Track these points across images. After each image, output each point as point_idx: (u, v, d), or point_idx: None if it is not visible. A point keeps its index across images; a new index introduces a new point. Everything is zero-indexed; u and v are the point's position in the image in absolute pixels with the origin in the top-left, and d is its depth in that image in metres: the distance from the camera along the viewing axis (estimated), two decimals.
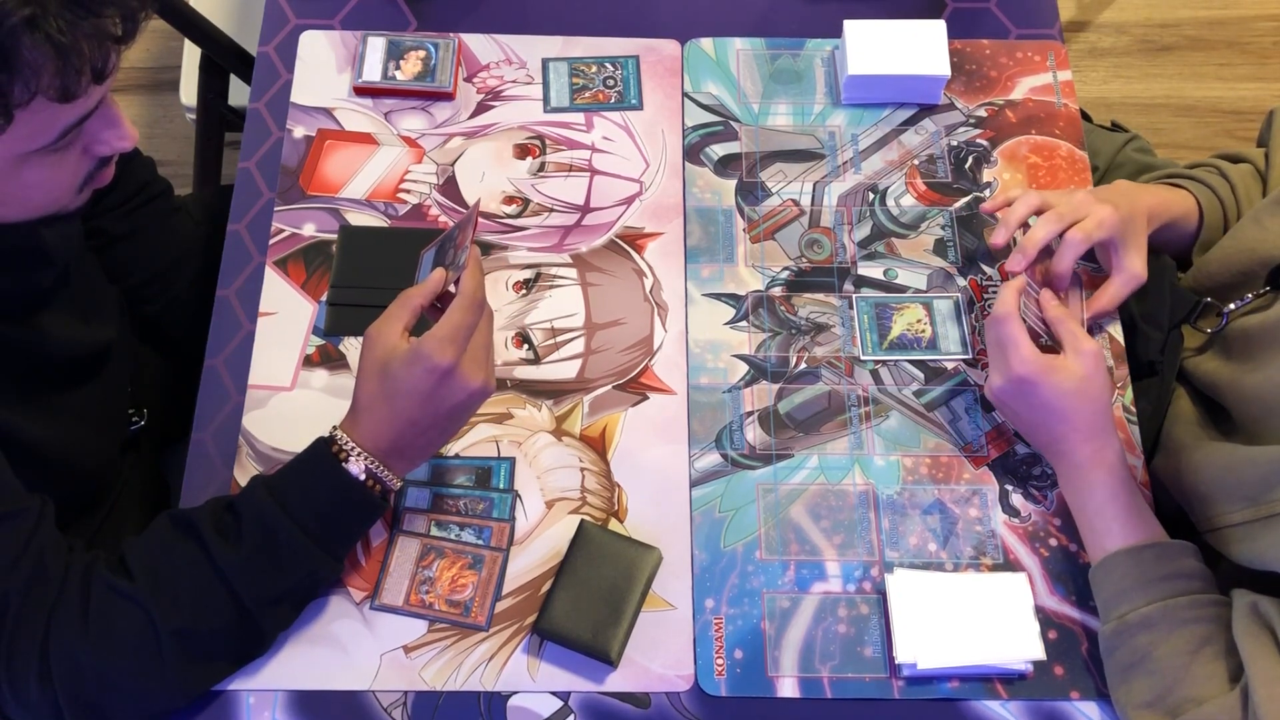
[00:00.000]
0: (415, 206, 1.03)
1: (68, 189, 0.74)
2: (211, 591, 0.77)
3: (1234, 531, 0.83)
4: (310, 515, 0.79)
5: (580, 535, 0.88)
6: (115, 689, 0.76)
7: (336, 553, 0.82)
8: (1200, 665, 0.78)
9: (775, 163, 1.07)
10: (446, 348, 0.77)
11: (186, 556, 0.78)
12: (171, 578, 0.77)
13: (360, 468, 0.79)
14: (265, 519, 0.78)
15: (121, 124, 0.73)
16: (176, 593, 0.77)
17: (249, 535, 0.78)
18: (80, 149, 0.72)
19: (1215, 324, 0.94)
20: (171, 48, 2.01)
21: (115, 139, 0.73)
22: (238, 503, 0.80)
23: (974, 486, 0.93)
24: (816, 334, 0.99)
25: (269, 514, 0.78)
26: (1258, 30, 2.09)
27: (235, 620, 0.79)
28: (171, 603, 0.76)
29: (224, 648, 0.81)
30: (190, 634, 0.77)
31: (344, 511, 0.81)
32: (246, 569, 0.78)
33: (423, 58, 1.08)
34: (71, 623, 0.75)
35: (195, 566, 0.78)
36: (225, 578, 0.77)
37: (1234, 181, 0.98)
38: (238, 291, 0.99)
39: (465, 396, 0.79)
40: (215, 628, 0.78)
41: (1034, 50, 1.13)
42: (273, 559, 0.78)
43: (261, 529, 0.78)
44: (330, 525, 0.80)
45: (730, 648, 0.86)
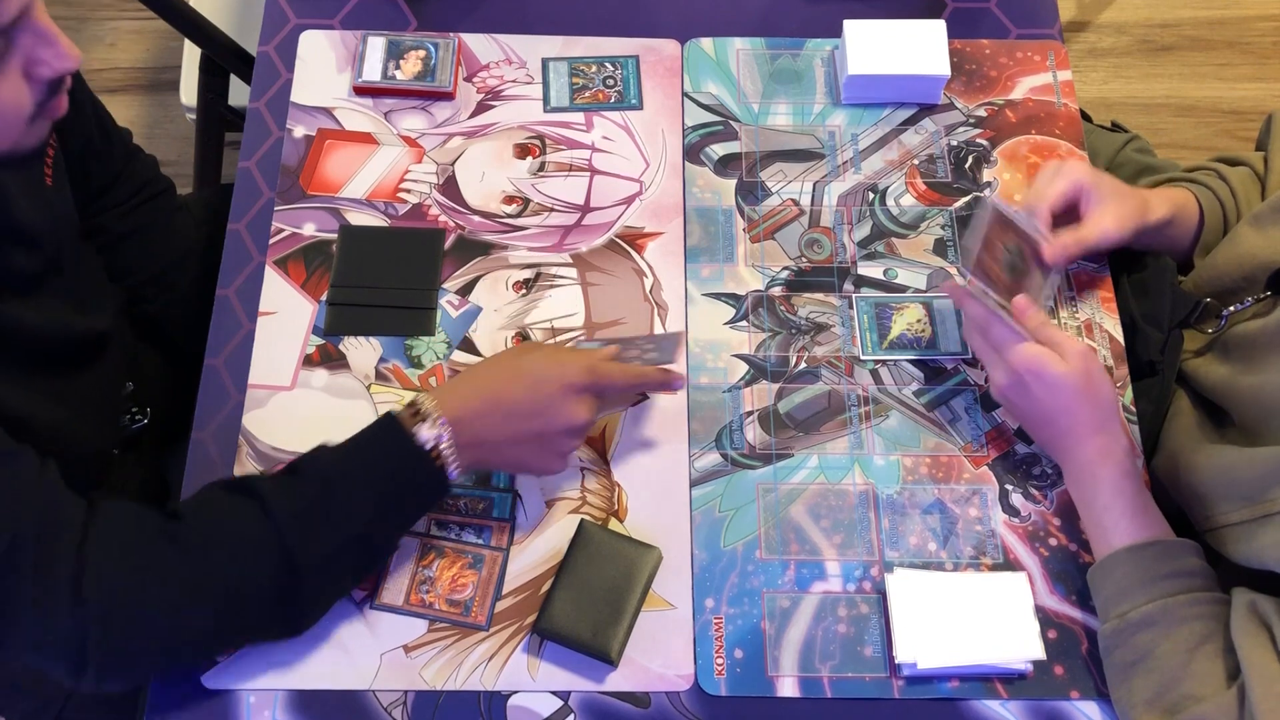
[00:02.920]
0: (415, 206, 1.03)
1: (15, 120, 0.72)
2: (261, 541, 0.76)
3: (1232, 531, 0.83)
4: (371, 475, 0.79)
5: (580, 535, 0.88)
6: (148, 627, 0.74)
7: (392, 520, 0.81)
8: (1199, 663, 0.78)
9: (775, 162, 1.07)
10: (591, 375, 0.82)
11: (240, 507, 0.77)
12: (221, 523, 0.76)
13: (432, 434, 0.79)
14: (325, 472, 0.78)
15: (57, 41, 0.70)
16: (225, 538, 0.76)
17: (307, 487, 0.77)
18: (18, 72, 0.70)
19: (1215, 325, 0.94)
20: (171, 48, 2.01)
21: (54, 58, 0.70)
22: (300, 460, 0.80)
23: (974, 486, 0.93)
24: (816, 334, 0.99)
25: (331, 468, 0.78)
26: (1258, 30, 2.09)
27: (279, 573, 0.76)
28: (219, 547, 0.75)
29: (263, 603, 0.78)
30: (234, 582, 0.75)
31: (405, 478, 0.80)
32: (300, 519, 0.76)
33: (423, 57, 1.09)
34: (113, 551, 0.73)
35: (247, 515, 0.76)
36: (277, 526, 0.76)
37: (1233, 185, 0.98)
38: (238, 291, 0.99)
39: (560, 426, 0.82)
40: (259, 579, 0.76)
41: (1034, 50, 1.13)
42: (327, 512, 0.77)
43: (320, 482, 0.78)
44: (389, 492, 0.79)
45: (730, 647, 0.87)
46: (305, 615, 0.81)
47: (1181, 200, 0.97)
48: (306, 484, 0.78)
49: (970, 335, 0.92)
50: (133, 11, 2.03)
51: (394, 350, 0.97)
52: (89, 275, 0.95)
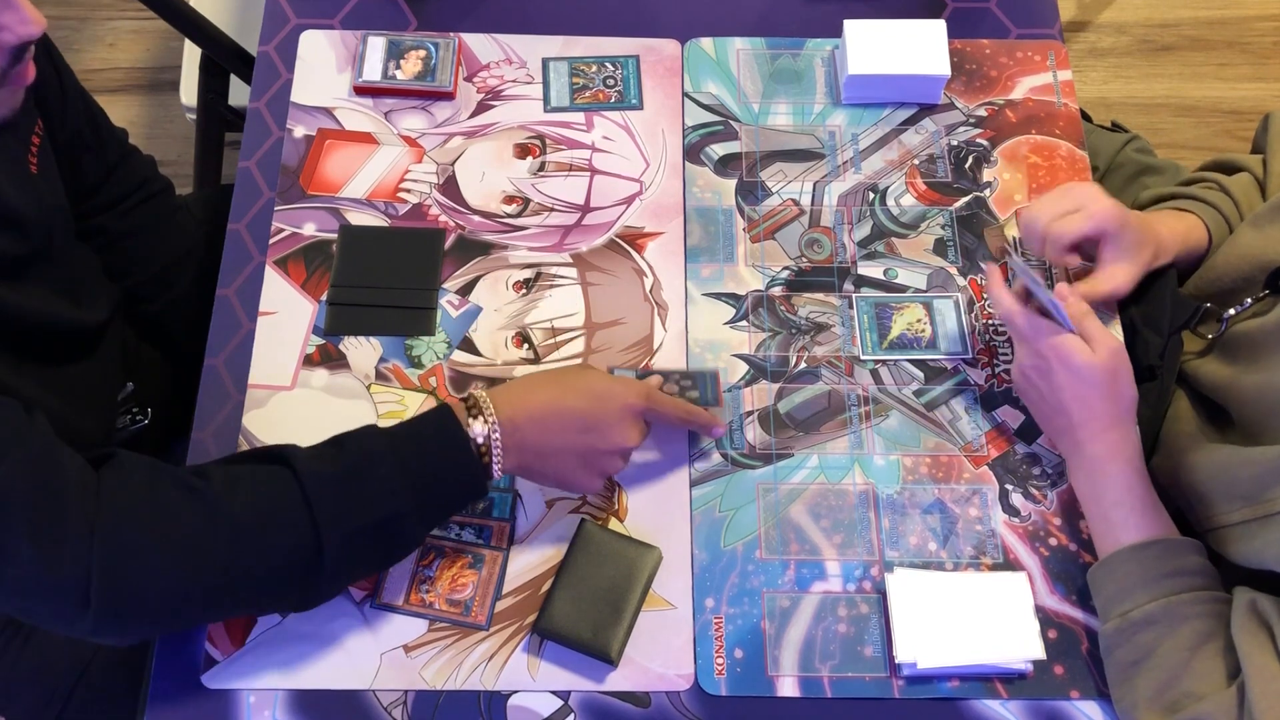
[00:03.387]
0: (415, 206, 1.03)
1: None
2: (288, 506, 0.74)
3: (1232, 531, 0.83)
4: (413, 459, 0.77)
5: (580, 535, 0.88)
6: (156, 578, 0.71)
7: (424, 510, 0.79)
8: (1200, 661, 0.78)
9: (775, 162, 1.07)
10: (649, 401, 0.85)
11: (269, 471, 0.75)
12: (248, 484, 0.75)
13: (483, 430, 0.79)
14: (368, 447, 0.77)
15: (20, 6, 0.69)
16: (251, 498, 0.74)
17: (346, 458, 0.76)
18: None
19: (1215, 329, 0.94)
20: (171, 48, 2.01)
21: (18, 24, 0.69)
22: (345, 435, 0.79)
23: (974, 486, 0.93)
24: (816, 334, 0.99)
25: (374, 444, 0.77)
26: (1258, 30, 2.09)
27: (302, 542, 0.74)
28: (243, 507, 0.73)
29: (279, 570, 0.75)
30: (253, 544, 0.73)
31: (446, 469, 0.79)
32: (332, 488, 0.75)
33: (423, 57, 1.09)
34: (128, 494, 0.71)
35: (276, 480, 0.75)
36: (306, 494, 0.74)
37: (1235, 196, 0.98)
38: (238, 291, 0.99)
39: (612, 445, 0.83)
40: (280, 545, 0.74)
41: (1034, 50, 1.13)
42: (363, 487, 0.76)
43: (361, 455, 0.77)
44: (427, 479, 0.78)
45: (730, 647, 0.87)
46: (319, 590, 0.78)
47: (1194, 238, 0.97)
48: (346, 455, 0.77)
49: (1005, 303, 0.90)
50: (133, 11, 2.03)
51: (394, 350, 0.97)
52: (82, 268, 0.95)
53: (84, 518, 0.69)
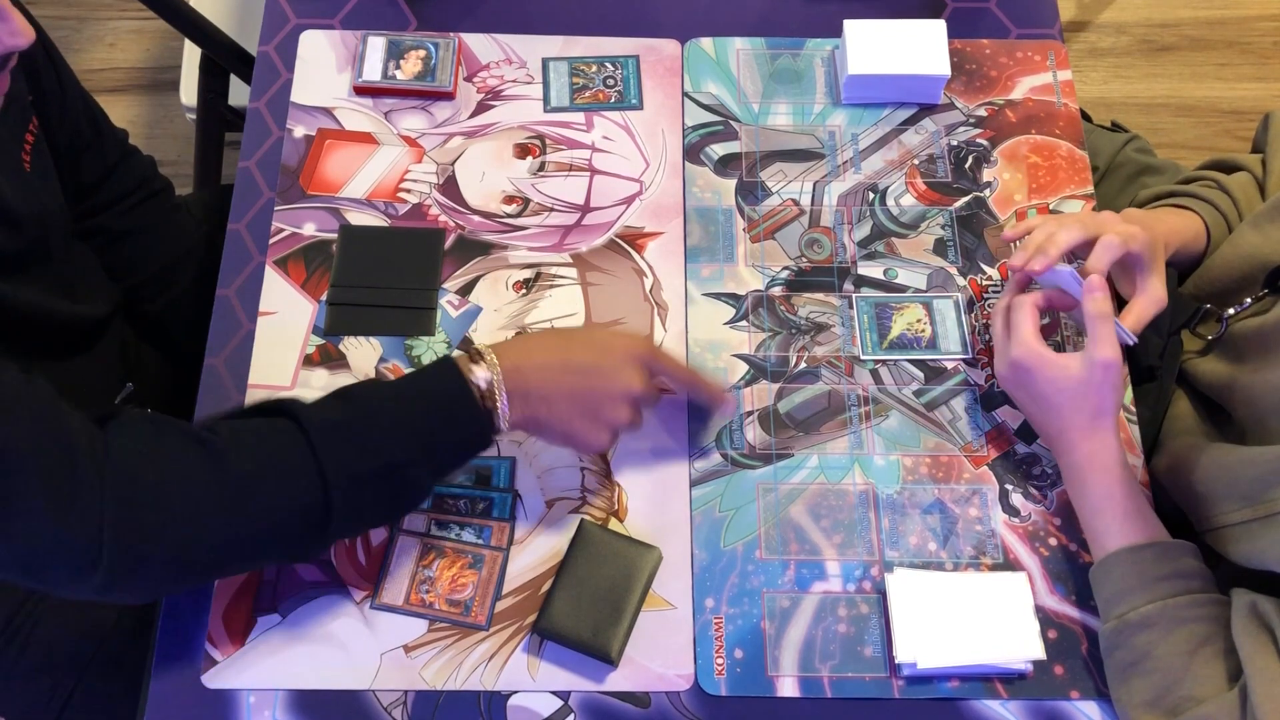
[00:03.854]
0: (415, 206, 1.03)
1: None
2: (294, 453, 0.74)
3: (1233, 531, 0.83)
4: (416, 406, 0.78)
5: (580, 535, 0.88)
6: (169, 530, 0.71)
7: (434, 458, 0.79)
8: (1200, 665, 0.78)
9: (775, 162, 1.07)
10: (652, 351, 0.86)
11: (275, 423, 0.76)
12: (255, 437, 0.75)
13: (485, 375, 0.79)
14: (370, 395, 0.78)
15: (10, 18, 0.69)
16: (257, 450, 0.74)
17: (349, 407, 0.77)
18: None
19: (1215, 330, 0.94)
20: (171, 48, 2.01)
21: (6, 35, 0.69)
22: (349, 386, 0.79)
23: (974, 486, 0.93)
24: (816, 334, 0.99)
25: (377, 392, 0.78)
26: (1258, 30, 2.09)
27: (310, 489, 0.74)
28: (250, 458, 0.73)
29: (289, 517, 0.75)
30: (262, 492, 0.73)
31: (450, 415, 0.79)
32: (337, 433, 0.75)
33: (423, 57, 1.09)
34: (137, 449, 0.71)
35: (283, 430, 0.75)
36: (311, 441, 0.74)
37: (1235, 195, 0.98)
38: (238, 291, 0.99)
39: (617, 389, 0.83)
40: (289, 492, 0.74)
41: (1034, 50, 1.13)
42: (367, 434, 0.76)
43: (364, 403, 0.77)
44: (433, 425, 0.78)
45: (730, 647, 0.87)
46: (328, 538, 0.78)
47: (1191, 233, 0.97)
48: (349, 405, 0.77)
49: (994, 316, 0.91)
50: (133, 11, 2.03)
51: (394, 350, 0.97)
52: (80, 267, 0.95)
53: (93, 474, 0.69)
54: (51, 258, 0.87)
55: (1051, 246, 0.87)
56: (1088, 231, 0.88)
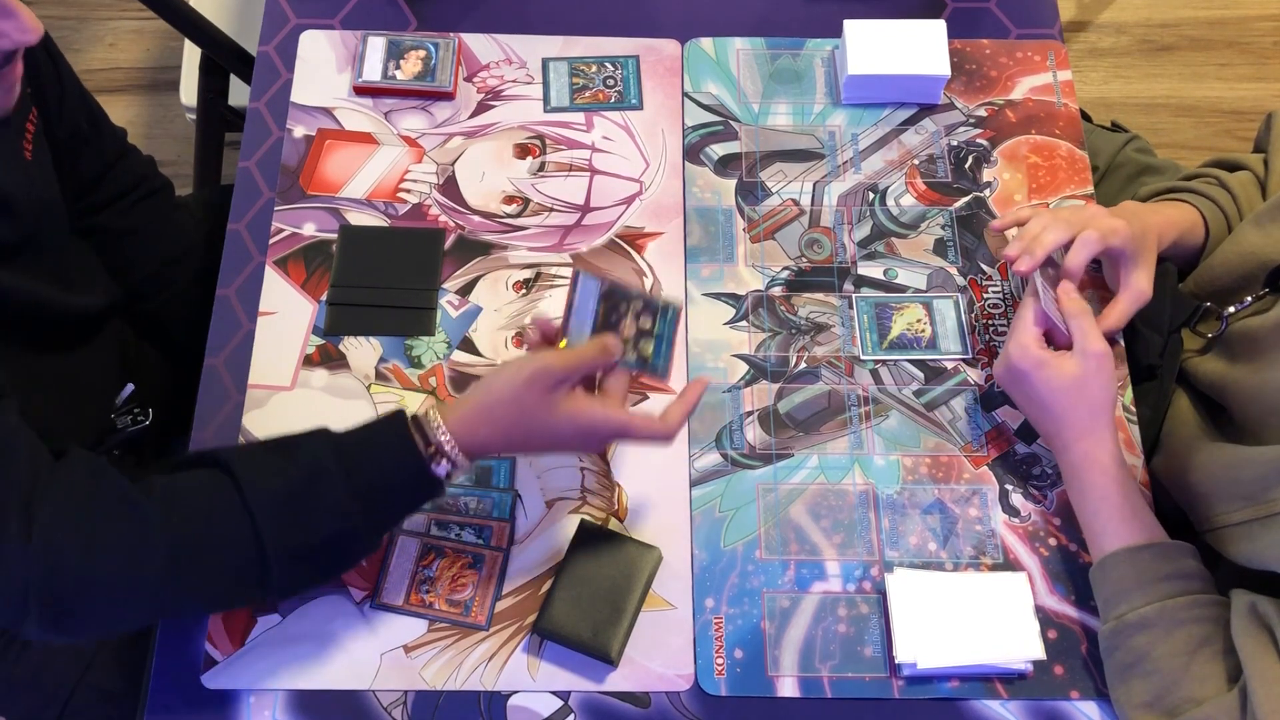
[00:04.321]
0: (415, 206, 1.03)
1: None
2: (231, 522, 0.73)
3: (1233, 531, 0.83)
4: (367, 474, 0.76)
5: (580, 535, 0.88)
6: (96, 585, 0.71)
7: (377, 520, 0.78)
8: (1199, 665, 0.78)
9: (775, 162, 1.07)
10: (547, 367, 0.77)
11: (215, 486, 0.74)
12: (192, 499, 0.73)
13: (446, 469, 0.77)
14: (319, 461, 0.75)
15: (18, 14, 0.69)
16: (192, 513, 0.73)
17: (295, 471, 0.74)
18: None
19: (1215, 328, 0.94)
20: (171, 48, 2.01)
21: (16, 31, 0.69)
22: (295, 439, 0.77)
23: (974, 486, 0.93)
24: (816, 334, 0.99)
25: (326, 458, 0.75)
26: (1258, 30, 2.09)
27: (247, 559, 0.73)
28: (183, 520, 0.72)
29: (224, 585, 0.75)
30: (194, 561, 0.72)
31: (404, 487, 0.78)
32: (279, 508, 0.73)
33: (423, 57, 1.09)
34: (69, 499, 0.71)
35: (221, 497, 0.73)
36: (250, 511, 0.72)
37: (1235, 191, 0.98)
38: (238, 291, 0.99)
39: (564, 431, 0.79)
40: (224, 557, 0.73)
41: (1034, 50, 1.13)
42: (310, 505, 0.74)
43: (310, 470, 0.74)
44: (381, 494, 0.77)
45: (730, 647, 0.86)
46: (265, 600, 0.77)
47: (1188, 224, 0.97)
48: (295, 468, 0.75)
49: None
50: (133, 11, 2.03)
51: (394, 350, 0.97)
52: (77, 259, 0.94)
53: (21, 537, 0.69)
54: (47, 247, 0.87)
55: (1038, 247, 0.88)
56: (1074, 230, 0.89)
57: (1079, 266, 0.88)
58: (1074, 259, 0.88)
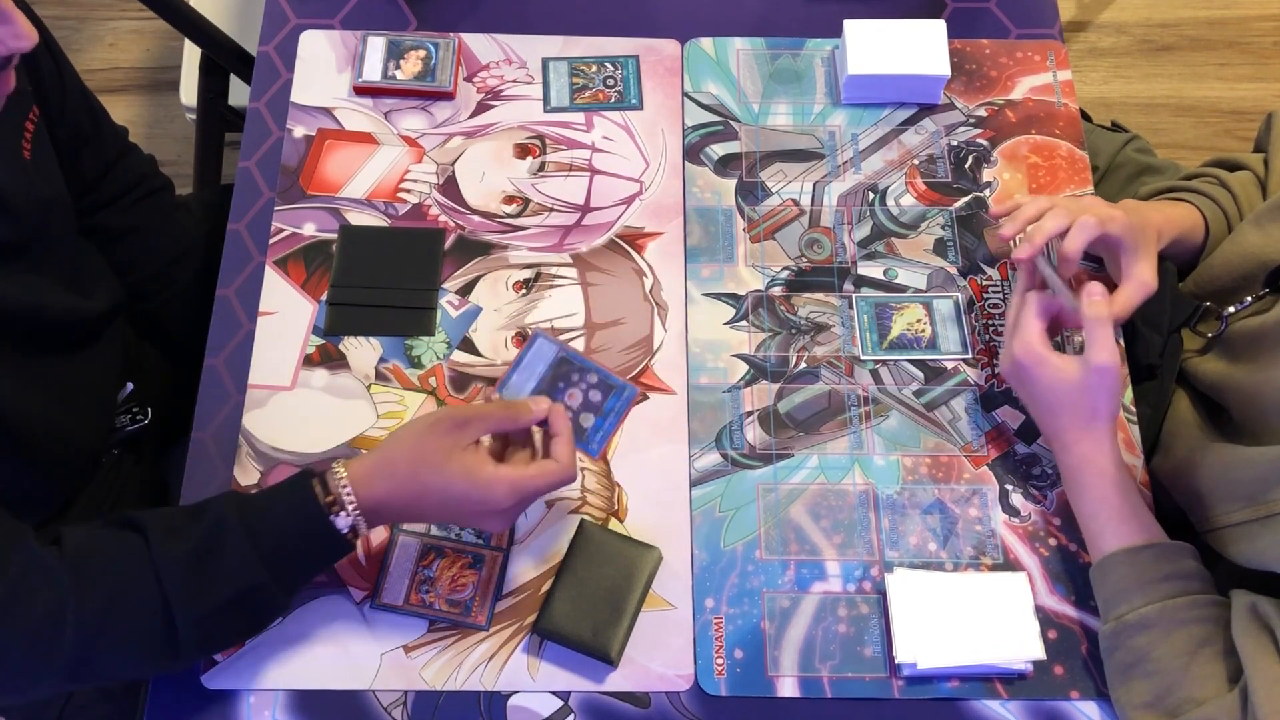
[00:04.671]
0: (415, 206, 1.03)
1: None
2: (139, 584, 0.73)
3: (1233, 531, 0.83)
4: (270, 535, 0.75)
5: (580, 535, 0.88)
6: (8, 664, 0.72)
7: (284, 581, 0.77)
8: (1199, 666, 0.78)
9: (775, 162, 1.07)
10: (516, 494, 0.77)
11: (125, 544, 0.74)
12: (102, 562, 0.74)
13: (347, 523, 0.77)
14: (223, 521, 0.75)
15: (14, 20, 0.69)
16: (101, 577, 0.73)
17: (198, 536, 0.74)
18: None
19: (1215, 328, 0.94)
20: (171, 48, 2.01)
21: (11, 37, 0.69)
22: (205, 504, 0.77)
23: (974, 486, 0.93)
24: (816, 334, 0.99)
25: (229, 518, 0.75)
26: (1258, 30, 2.09)
27: (155, 623, 0.74)
28: (92, 587, 0.72)
29: (133, 648, 0.75)
30: (102, 623, 0.72)
31: (305, 539, 0.77)
32: (183, 569, 0.73)
33: (423, 57, 1.09)
34: None
35: (131, 556, 0.74)
36: (158, 572, 0.73)
37: (1235, 191, 0.98)
38: (238, 291, 0.99)
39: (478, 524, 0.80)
40: (132, 625, 0.73)
41: (1034, 50, 1.13)
42: (215, 565, 0.74)
43: (215, 530, 0.75)
44: (287, 553, 0.77)
45: (730, 647, 0.86)
46: (179, 662, 0.76)
47: (1188, 223, 0.97)
48: (200, 528, 0.75)
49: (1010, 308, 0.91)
50: (133, 11, 2.03)
51: (394, 350, 0.97)
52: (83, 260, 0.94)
53: None
54: (53, 248, 0.87)
55: (1037, 234, 0.88)
56: (1073, 218, 0.88)
57: (1076, 251, 0.87)
58: (1071, 243, 0.87)
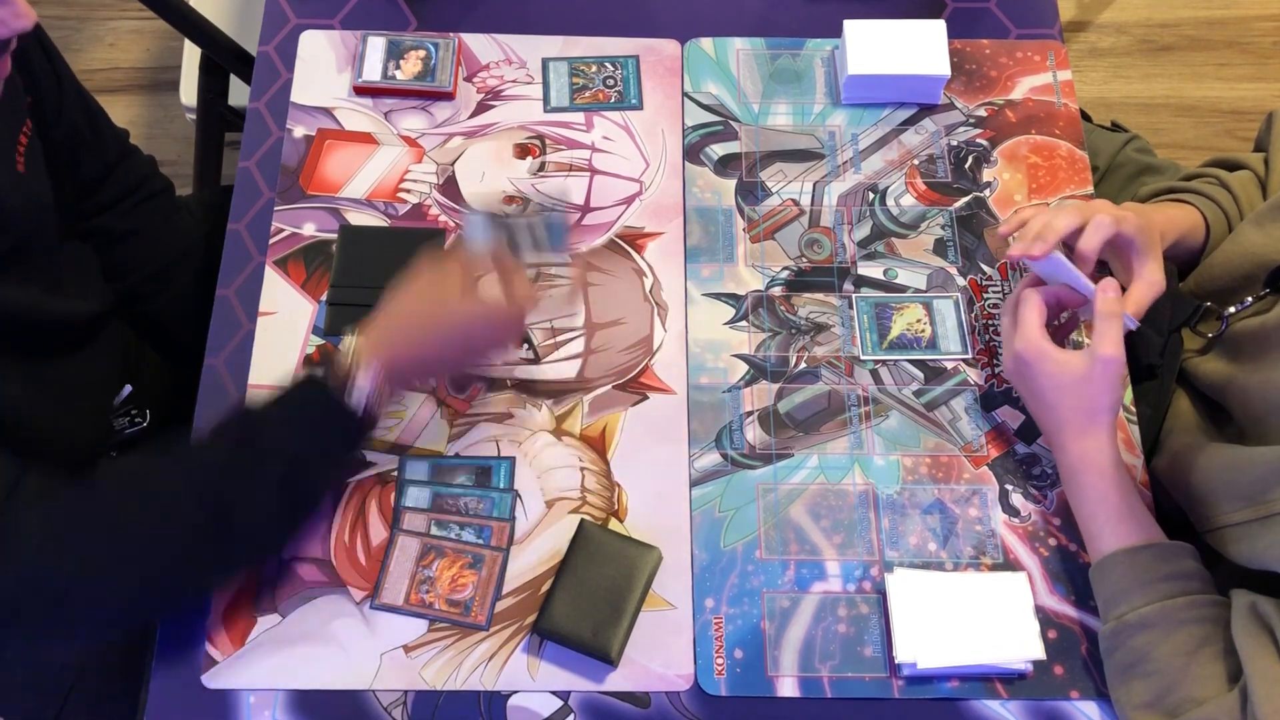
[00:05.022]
0: (415, 206, 1.03)
1: None
2: (183, 487, 0.76)
3: (1233, 531, 0.83)
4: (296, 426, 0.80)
5: (580, 535, 0.88)
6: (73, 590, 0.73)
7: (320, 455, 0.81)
8: (1199, 666, 0.78)
9: (775, 162, 1.07)
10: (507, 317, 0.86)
11: (162, 462, 0.77)
12: (143, 479, 0.77)
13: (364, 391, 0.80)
14: (248, 417, 0.80)
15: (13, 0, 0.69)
16: (145, 492, 0.76)
17: (229, 432, 0.79)
18: None
19: (1215, 328, 0.94)
20: (171, 48, 2.01)
21: (11, 17, 0.69)
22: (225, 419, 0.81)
23: (974, 486, 0.93)
24: (816, 334, 0.99)
25: (253, 412, 0.80)
26: (1258, 30, 2.09)
27: (204, 522, 0.76)
28: (139, 503, 0.75)
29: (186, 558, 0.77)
30: (154, 532, 0.75)
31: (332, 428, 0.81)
32: (227, 462, 0.77)
33: (423, 57, 1.09)
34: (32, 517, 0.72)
35: (170, 468, 0.77)
36: (203, 475, 0.76)
37: (1235, 191, 0.98)
38: (238, 291, 0.99)
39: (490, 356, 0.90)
40: (180, 530, 0.76)
41: (1034, 50, 1.13)
42: (253, 453, 0.78)
43: (243, 426, 0.79)
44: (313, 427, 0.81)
45: (730, 647, 0.86)
46: (235, 552, 0.80)
47: (1189, 224, 0.97)
48: (229, 428, 0.79)
49: (1005, 309, 0.91)
50: (133, 11, 2.03)
51: None
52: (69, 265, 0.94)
53: None
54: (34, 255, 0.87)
55: (1049, 233, 0.87)
56: (1084, 217, 0.88)
57: (1094, 249, 0.87)
58: (1088, 241, 0.87)
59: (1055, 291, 0.89)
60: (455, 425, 0.94)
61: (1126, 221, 0.88)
